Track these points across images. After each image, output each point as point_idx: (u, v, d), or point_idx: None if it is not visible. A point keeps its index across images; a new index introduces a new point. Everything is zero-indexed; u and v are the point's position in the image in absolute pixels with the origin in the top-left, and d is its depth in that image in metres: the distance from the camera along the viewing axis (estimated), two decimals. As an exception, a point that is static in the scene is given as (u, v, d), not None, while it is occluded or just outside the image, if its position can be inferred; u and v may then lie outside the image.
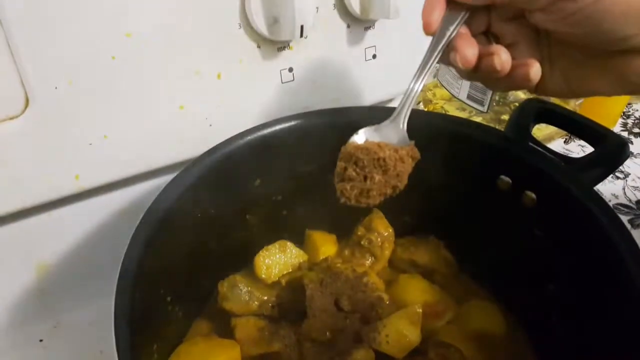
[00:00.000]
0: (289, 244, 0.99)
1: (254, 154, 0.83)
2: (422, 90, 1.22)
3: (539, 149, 0.83)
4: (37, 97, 0.73)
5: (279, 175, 0.90)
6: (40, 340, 0.97)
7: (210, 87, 0.85)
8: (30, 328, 0.96)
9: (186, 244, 0.79)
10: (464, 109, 1.36)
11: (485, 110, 1.26)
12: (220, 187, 0.80)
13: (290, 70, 0.92)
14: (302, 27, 0.82)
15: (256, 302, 0.86)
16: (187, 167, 0.76)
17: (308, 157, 0.91)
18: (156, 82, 0.81)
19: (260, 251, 0.96)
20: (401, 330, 0.82)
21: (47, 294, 0.97)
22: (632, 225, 1.18)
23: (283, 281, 0.87)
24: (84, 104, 0.77)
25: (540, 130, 1.34)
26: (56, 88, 0.75)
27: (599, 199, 0.76)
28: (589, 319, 0.78)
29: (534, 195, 0.83)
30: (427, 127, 0.89)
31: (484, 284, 0.98)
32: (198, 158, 0.78)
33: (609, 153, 0.81)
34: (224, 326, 0.86)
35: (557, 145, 1.39)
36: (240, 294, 0.85)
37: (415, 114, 0.93)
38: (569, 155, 0.84)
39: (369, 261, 0.98)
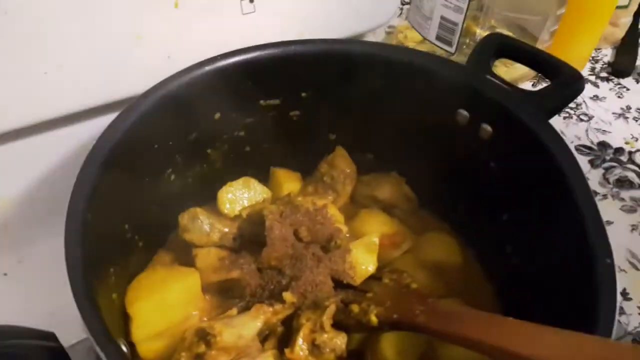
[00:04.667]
0: (253, 180, 1.00)
1: (212, 85, 0.82)
2: (392, 33, 1.23)
3: (497, 81, 0.84)
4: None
5: (240, 109, 0.90)
6: (5, 274, 0.97)
7: (167, 16, 0.84)
8: (-6, 262, 0.97)
9: (144, 173, 0.79)
10: (434, 52, 1.35)
11: (453, 52, 1.26)
12: (178, 117, 0.80)
13: (252, 0, 0.90)
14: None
15: (217, 234, 0.87)
16: (143, 93, 0.75)
17: (271, 91, 0.91)
18: (110, 9, 0.79)
19: (224, 187, 0.97)
20: (358, 258, 0.85)
21: (10, 228, 0.97)
22: (592, 166, 1.20)
23: (244, 214, 0.88)
24: (35, 31, 0.76)
25: (509, 72, 1.35)
26: (6, 13, 0.73)
27: (551, 130, 0.78)
28: (539, 248, 0.80)
29: (489, 128, 0.84)
30: (388, 61, 0.89)
31: (442, 218, 1.01)
32: (155, 86, 0.77)
33: (564, 85, 0.82)
34: (186, 257, 0.87)
35: (526, 87, 1.40)
36: (201, 226, 0.86)
37: (378, 48, 0.94)
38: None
39: (331, 197, 1.00)
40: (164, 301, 0.78)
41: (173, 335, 0.76)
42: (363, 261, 0.85)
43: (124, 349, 0.56)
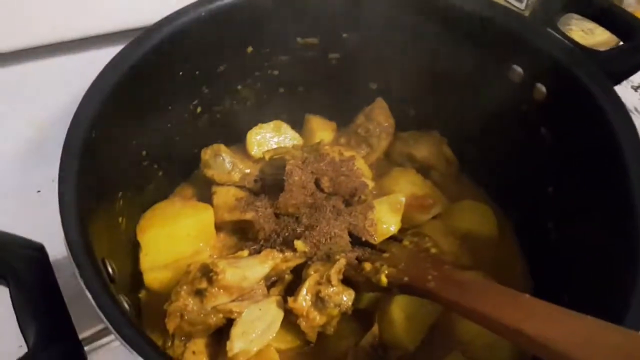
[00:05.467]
0: (284, 125, 0.96)
1: (244, 14, 0.78)
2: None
3: (559, 36, 0.74)
4: None
5: (274, 45, 0.85)
6: (38, 192, 0.99)
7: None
8: (28, 178, 0.99)
9: (167, 100, 0.77)
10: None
11: (523, 8, 1.14)
12: (205, 45, 0.76)
13: None
14: None
15: (238, 174, 0.84)
16: (170, 15, 0.72)
17: (309, 28, 0.85)
18: None
19: (254, 127, 0.94)
20: (380, 216, 0.80)
21: (43, 148, 0.98)
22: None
23: (267, 156, 0.85)
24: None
25: (586, 39, 1.21)
26: None
27: (613, 96, 0.68)
28: (583, 226, 0.72)
29: (544, 89, 0.75)
30: (440, 4, 0.81)
31: (482, 185, 0.93)
32: (184, 8, 0.73)
33: (637, 47, 0.71)
34: (207, 193, 0.85)
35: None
36: (222, 163, 0.84)
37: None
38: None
39: (364, 151, 0.94)
40: (175, 233, 0.77)
41: (180, 268, 0.75)
42: (386, 220, 0.80)
43: (109, 269, 0.55)
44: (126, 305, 0.55)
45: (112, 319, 0.44)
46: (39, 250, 0.53)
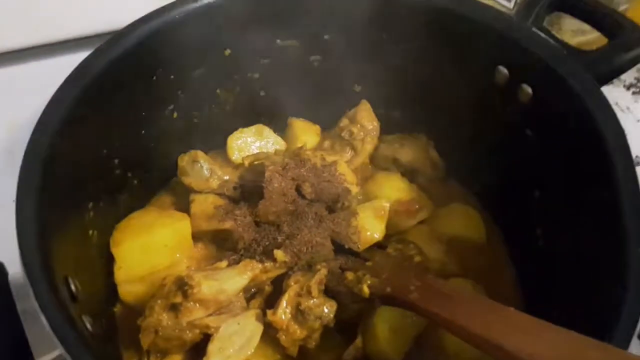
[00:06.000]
0: (267, 129, 0.93)
1: (221, 15, 0.75)
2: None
3: (544, 35, 0.72)
4: None
5: (254, 48, 0.82)
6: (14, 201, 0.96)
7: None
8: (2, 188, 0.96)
9: (139, 106, 0.74)
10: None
11: (511, 7, 1.11)
12: (180, 47, 0.73)
13: None
14: None
15: (217, 181, 0.81)
16: (142, 17, 0.69)
17: (289, 30, 0.82)
18: None
19: (235, 132, 0.91)
20: (364, 223, 0.77)
21: (17, 154, 0.95)
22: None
23: (247, 162, 0.82)
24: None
25: (584, 36, 1.18)
26: None
27: (599, 97, 0.66)
28: (570, 231, 0.70)
29: (530, 90, 0.73)
30: (424, 4, 0.78)
31: (469, 189, 0.91)
32: (156, 10, 0.70)
33: (624, 46, 0.69)
34: (186, 202, 0.82)
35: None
36: (200, 170, 0.81)
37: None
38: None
39: (348, 154, 0.91)
40: (150, 244, 0.74)
41: (156, 281, 0.71)
42: (370, 227, 0.77)
43: (72, 287, 0.52)
44: (89, 326, 0.52)
45: (67, 342, 0.41)
46: (-3, 268, 0.50)
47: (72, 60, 0.88)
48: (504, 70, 0.76)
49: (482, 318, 0.51)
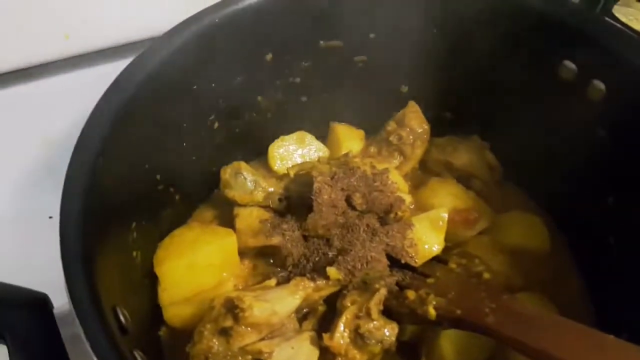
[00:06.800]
0: (308, 135, 0.88)
1: (261, 19, 0.70)
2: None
3: (618, 25, 0.65)
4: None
5: (295, 51, 0.78)
6: (50, 217, 0.94)
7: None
8: (39, 203, 0.93)
9: (181, 117, 0.70)
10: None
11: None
12: (220, 55, 0.69)
13: None
14: None
15: (261, 193, 0.77)
16: (180, 24, 0.65)
17: (333, 30, 0.77)
18: None
19: (276, 140, 0.87)
20: (421, 235, 0.72)
21: (55, 170, 0.93)
22: None
23: (292, 172, 0.77)
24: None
25: None
26: None
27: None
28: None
29: (602, 86, 0.66)
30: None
31: (530, 195, 0.84)
32: (194, 16, 0.66)
33: None
34: (228, 216, 0.78)
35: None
36: (243, 182, 0.77)
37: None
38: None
39: (397, 160, 0.86)
40: (195, 263, 0.70)
41: (202, 302, 0.67)
42: (427, 239, 0.72)
43: (122, 318, 0.48)
44: (140, 360, 0.48)
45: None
46: (42, 302, 0.47)
47: (102, 72, 0.86)
48: (570, 65, 0.69)
49: (573, 345, 0.45)
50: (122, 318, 0.49)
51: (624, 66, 0.63)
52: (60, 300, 0.49)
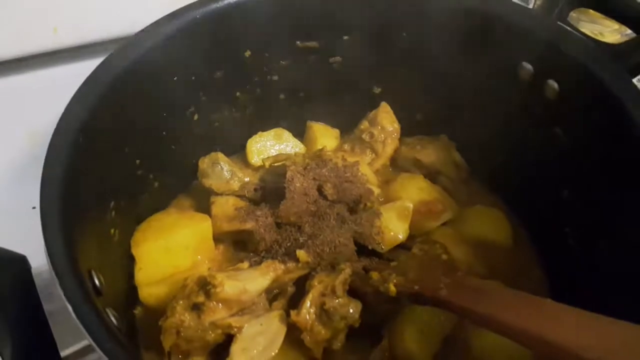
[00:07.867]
0: (286, 132, 0.92)
1: (241, 17, 0.74)
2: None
3: (569, 29, 0.71)
4: None
5: (274, 49, 0.82)
6: (33, 208, 0.96)
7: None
8: (23, 194, 0.96)
9: (161, 107, 0.74)
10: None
11: (530, 7, 1.11)
12: (201, 49, 0.73)
13: None
14: None
15: (237, 182, 0.81)
16: (164, 17, 0.69)
17: (309, 31, 0.82)
18: None
19: (254, 136, 0.90)
20: (388, 223, 0.76)
21: (40, 160, 0.95)
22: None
23: (267, 164, 0.81)
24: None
25: (602, 39, 1.17)
26: None
27: (635, 91, 0.64)
28: (603, 231, 0.68)
29: (556, 86, 0.71)
30: (443, 6, 0.78)
31: (494, 190, 0.89)
32: (177, 11, 0.70)
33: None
34: (206, 205, 0.82)
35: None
36: (220, 172, 0.80)
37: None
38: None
39: (369, 157, 0.90)
40: (171, 245, 0.73)
41: (177, 282, 0.70)
42: (393, 227, 0.75)
43: (96, 281, 0.51)
44: (113, 320, 0.51)
45: (94, 331, 0.40)
46: (20, 261, 0.49)
47: (90, 66, 0.89)
48: (528, 66, 0.74)
49: (519, 310, 0.49)
50: (97, 281, 0.51)
51: (573, 66, 0.68)
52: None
